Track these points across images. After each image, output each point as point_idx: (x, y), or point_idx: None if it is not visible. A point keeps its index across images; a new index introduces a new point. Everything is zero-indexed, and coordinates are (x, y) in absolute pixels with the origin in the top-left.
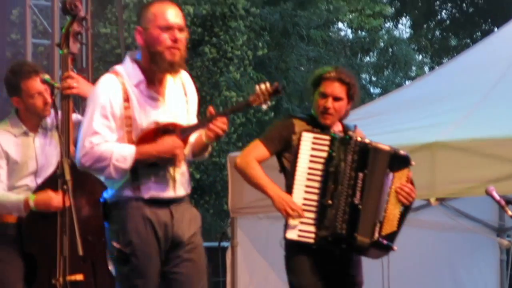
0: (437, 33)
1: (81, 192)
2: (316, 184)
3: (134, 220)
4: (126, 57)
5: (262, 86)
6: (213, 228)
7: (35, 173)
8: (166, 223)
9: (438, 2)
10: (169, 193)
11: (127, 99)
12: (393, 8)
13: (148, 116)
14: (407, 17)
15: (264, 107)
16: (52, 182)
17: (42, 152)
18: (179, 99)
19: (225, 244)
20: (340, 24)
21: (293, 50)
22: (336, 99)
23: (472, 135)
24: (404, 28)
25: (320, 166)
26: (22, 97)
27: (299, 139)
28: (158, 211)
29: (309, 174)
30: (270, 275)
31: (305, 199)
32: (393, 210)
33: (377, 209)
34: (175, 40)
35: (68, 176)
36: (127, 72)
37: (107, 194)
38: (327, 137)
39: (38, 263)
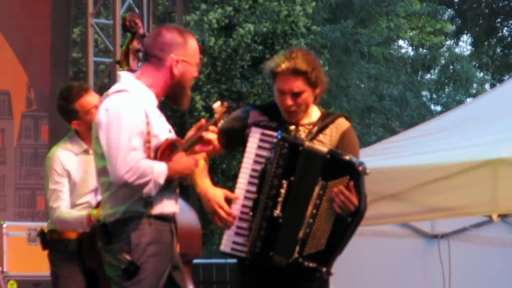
0: (498, 50)
1: None
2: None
3: (149, 235)
4: (126, 75)
5: (216, 105)
6: None
7: (96, 191)
8: (169, 241)
9: (499, 19)
10: (175, 209)
11: (146, 115)
12: (454, 26)
13: (162, 133)
14: (468, 34)
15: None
16: None
17: None
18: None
19: None
20: (401, 42)
21: (354, 68)
22: (296, 94)
23: None
24: (465, 45)
25: (261, 168)
26: (80, 118)
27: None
28: (165, 228)
29: (251, 176)
30: None
31: (243, 206)
32: (322, 226)
33: (301, 224)
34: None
35: None
36: (139, 91)
37: (109, 215)
38: (274, 134)
39: (99, 278)
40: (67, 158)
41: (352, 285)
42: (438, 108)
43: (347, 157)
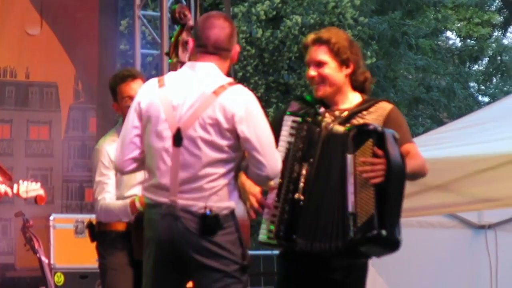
0: None
1: None
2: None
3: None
4: (211, 66)
5: None
6: None
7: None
8: None
9: None
10: None
11: None
12: (502, 17)
13: None
14: None
15: None
16: None
17: None
18: None
19: None
20: (448, 33)
21: (402, 59)
22: (318, 64)
23: None
24: None
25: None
26: (118, 102)
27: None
28: None
29: None
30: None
31: (276, 194)
32: (363, 193)
33: (342, 202)
34: None
35: None
36: None
37: (222, 207)
38: (299, 119)
39: None
40: (114, 149)
41: (399, 276)
42: (486, 99)
43: (367, 123)
